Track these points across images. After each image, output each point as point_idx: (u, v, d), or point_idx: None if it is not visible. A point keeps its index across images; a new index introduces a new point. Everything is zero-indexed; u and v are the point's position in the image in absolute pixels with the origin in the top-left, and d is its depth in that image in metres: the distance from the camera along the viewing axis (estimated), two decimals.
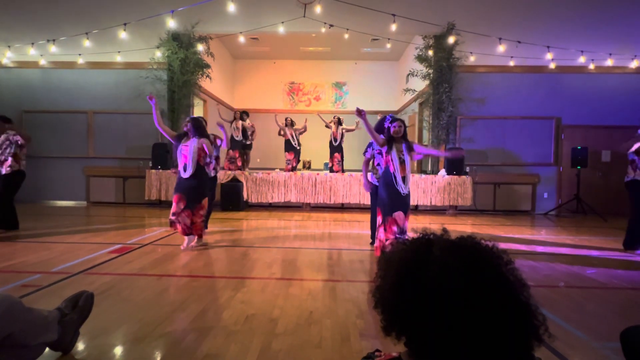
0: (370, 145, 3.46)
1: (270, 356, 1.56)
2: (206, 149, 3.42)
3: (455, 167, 6.28)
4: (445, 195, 6.22)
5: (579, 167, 6.32)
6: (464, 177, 6.24)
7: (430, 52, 6.64)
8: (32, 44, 6.51)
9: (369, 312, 2.03)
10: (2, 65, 6.99)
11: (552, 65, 6.49)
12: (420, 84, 7.24)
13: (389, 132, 3.15)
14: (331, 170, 6.93)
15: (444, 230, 0.66)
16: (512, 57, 6.47)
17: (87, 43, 6.23)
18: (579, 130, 6.85)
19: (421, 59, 6.74)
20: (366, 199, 6.32)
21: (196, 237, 3.48)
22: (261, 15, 6.45)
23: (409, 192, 3.10)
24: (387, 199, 3.03)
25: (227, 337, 1.73)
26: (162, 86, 6.75)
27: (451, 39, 6.15)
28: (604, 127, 6.86)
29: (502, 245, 0.61)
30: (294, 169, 7.01)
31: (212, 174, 4.14)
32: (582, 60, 6.36)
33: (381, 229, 3.07)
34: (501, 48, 6.08)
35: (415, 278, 0.57)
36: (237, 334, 1.75)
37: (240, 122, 7.26)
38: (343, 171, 6.88)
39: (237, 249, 3.53)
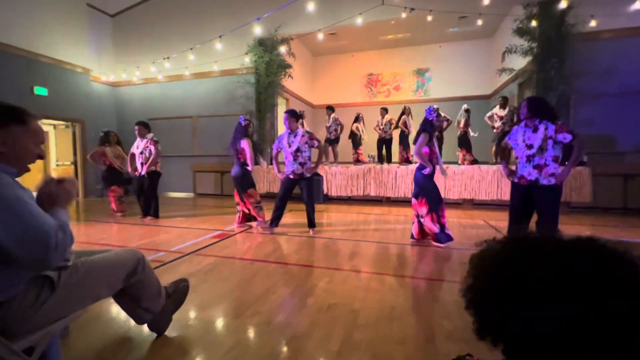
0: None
1: (352, 346, 1.59)
2: None
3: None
4: None
5: None
6: (580, 167, 5.22)
7: (534, 23, 5.68)
8: (153, 62, 7.87)
9: (457, 313, 1.88)
10: (133, 83, 8.65)
11: None
12: (519, 62, 6.29)
13: (432, 124, 3.21)
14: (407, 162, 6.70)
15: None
16: None
17: (191, 57, 7.24)
18: None
19: (522, 31, 5.83)
20: (450, 194, 5.86)
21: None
22: (339, 10, 6.49)
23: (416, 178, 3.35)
24: (435, 189, 3.32)
25: (311, 322, 1.82)
26: (251, 88, 7.42)
27: (563, 3, 5.15)
28: None
29: (638, 253, 0.49)
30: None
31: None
32: None
33: (428, 218, 3.30)
34: (638, 4, 4.83)
35: (517, 281, 0.50)
36: (320, 320, 1.83)
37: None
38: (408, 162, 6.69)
39: (318, 240, 3.68)
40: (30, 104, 6.56)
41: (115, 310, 1.92)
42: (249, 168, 4.14)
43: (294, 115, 3.85)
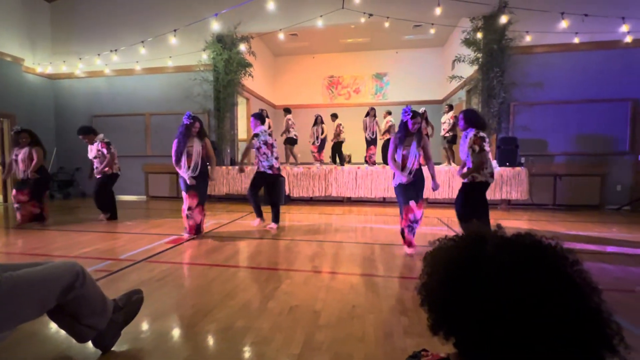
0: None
1: (313, 347, 1.59)
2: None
3: (508, 157, 5.82)
4: (496, 189, 5.80)
5: None
6: (518, 168, 5.76)
7: (479, 35, 6.18)
8: (98, 54, 7.25)
9: (413, 309, 1.97)
10: (75, 76, 7.89)
11: (629, 39, 5.68)
12: (467, 70, 6.79)
13: (406, 126, 3.13)
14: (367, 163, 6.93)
15: (498, 226, 0.61)
16: (576, 33, 5.79)
17: (142, 50, 6.79)
18: None
19: (469, 42, 6.31)
20: None
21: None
22: (300, 11, 6.50)
23: (419, 180, 3.20)
24: (402, 190, 3.17)
25: (272, 326, 1.80)
26: (209, 86, 7.14)
27: (503, 19, 5.66)
28: None
29: (566, 244, 0.55)
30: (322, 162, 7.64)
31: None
32: None
33: (398, 219, 3.28)
34: (564, 24, 5.47)
35: (466, 277, 0.54)
36: (281, 324, 1.82)
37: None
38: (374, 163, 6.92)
39: (280, 242, 3.64)
40: None
41: (53, 327, 1.74)
42: (178, 170, 3.78)
43: (257, 118, 4.19)
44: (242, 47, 6.98)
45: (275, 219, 4.29)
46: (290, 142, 7.74)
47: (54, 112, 8.07)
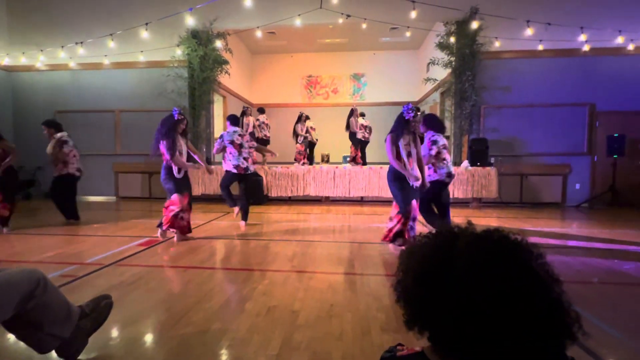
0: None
1: (292, 347, 1.59)
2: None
3: (479, 158, 6.07)
4: (468, 187, 6.04)
5: (615, 156, 5.95)
6: (488, 168, 6.03)
7: (452, 39, 6.40)
8: (62, 47, 6.82)
9: (390, 306, 2.01)
10: (36, 69, 7.38)
11: (586, 48, 6.09)
12: (441, 73, 7.01)
13: (408, 123, 3.05)
14: (354, 162, 7.00)
15: (469, 223, 0.63)
16: (541, 40, 6.13)
17: (112, 44, 6.47)
18: (615, 116, 6.41)
19: (442, 46, 6.52)
20: (386, 192, 6.25)
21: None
22: (278, 9, 6.44)
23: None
24: (406, 191, 3.12)
25: (250, 327, 1.77)
26: (183, 83, 6.91)
27: (474, 24, 5.90)
28: None
29: (531, 239, 0.58)
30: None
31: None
32: (620, 40, 5.93)
33: (395, 220, 3.11)
34: (529, 31, 5.77)
35: (439, 272, 0.55)
36: (259, 325, 1.80)
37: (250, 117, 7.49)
38: (364, 164, 6.99)
39: (258, 242, 3.60)
40: None
41: (12, 337, 1.62)
42: (175, 173, 3.53)
43: (228, 119, 4.37)
44: (219, 43, 6.82)
45: (244, 216, 4.33)
46: (260, 142, 7.74)
47: (12, 107, 7.51)
